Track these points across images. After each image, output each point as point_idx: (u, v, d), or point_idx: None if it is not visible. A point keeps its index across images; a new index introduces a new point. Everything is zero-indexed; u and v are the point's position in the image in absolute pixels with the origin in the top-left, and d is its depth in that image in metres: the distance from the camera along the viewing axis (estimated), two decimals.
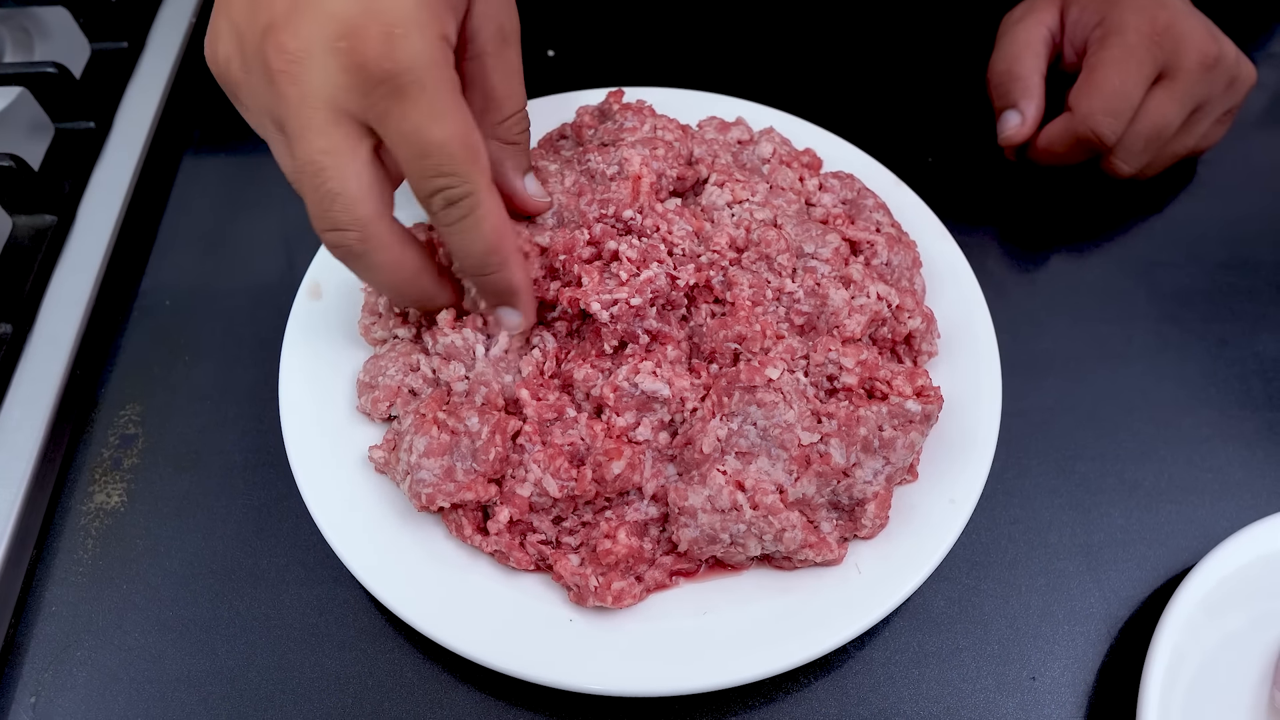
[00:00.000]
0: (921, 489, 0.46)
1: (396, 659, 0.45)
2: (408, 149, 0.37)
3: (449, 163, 0.37)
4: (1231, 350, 0.58)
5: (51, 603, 0.47)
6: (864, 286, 0.47)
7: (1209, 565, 0.46)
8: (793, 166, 0.54)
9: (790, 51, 0.73)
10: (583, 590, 0.42)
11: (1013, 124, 0.61)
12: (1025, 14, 0.63)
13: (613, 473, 0.42)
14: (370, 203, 0.38)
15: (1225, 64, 0.59)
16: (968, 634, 0.47)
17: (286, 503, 0.49)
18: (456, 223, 0.39)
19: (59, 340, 0.53)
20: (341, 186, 0.37)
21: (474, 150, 0.38)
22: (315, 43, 0.35)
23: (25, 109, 0.61)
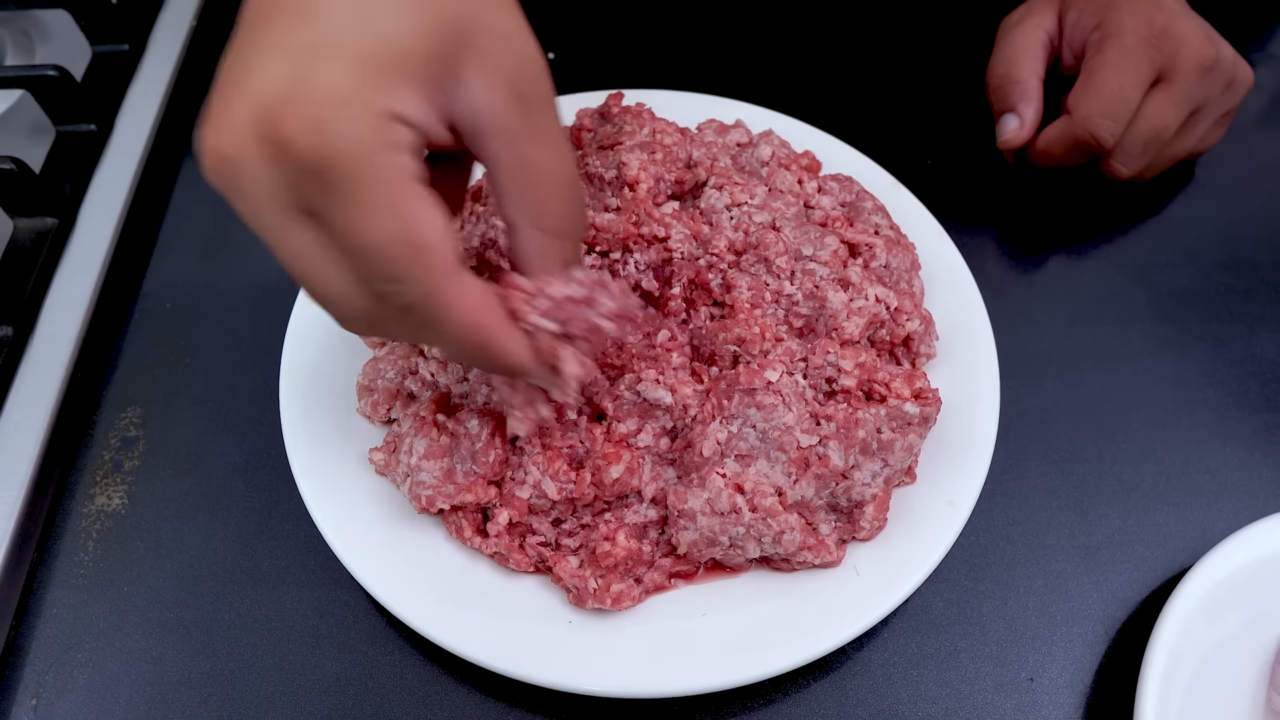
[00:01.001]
0: (920, 491, 0.46)
1: (397, 661, 0.46)
2: (345, 249, 0.31)
3: (389, 268, 0.31)
4: (1229, 351, 0.58)
5: (52, 605, 0.47)
6: (862, 289, 0.47)
7: (1206, 567, 0.46)
8: (792, 169, 0.54)
9: (789, 54, 0.73)
10: (582, 592, 0.42)
11: (1011, 127, 0.61)
12: (1023, 17, 0.63)
13: (611, 476, 0.42)
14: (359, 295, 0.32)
15: (1223, 66, 0.59)
16: (966, 635, 0.47)
17: (287, 505, 0.50)
18: (420, 330, 0.33)
19: (60, 342, 0.53)
20: (322, 291, 0.32)
21: (419, 248, 0.31)
22: (243, 136, 0.30)
23: (26, 111, 0.61)
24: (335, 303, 0.32)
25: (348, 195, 0.29)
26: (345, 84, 0.29)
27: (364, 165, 0.29)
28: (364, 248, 0.30)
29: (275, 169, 0.29)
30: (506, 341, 0.34)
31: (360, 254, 0.30)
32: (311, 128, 0.29)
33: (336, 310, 0.33)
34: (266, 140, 0.29)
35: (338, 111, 0.29)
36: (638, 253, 0.47)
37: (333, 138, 0.29)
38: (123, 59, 0.67)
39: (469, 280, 0.33)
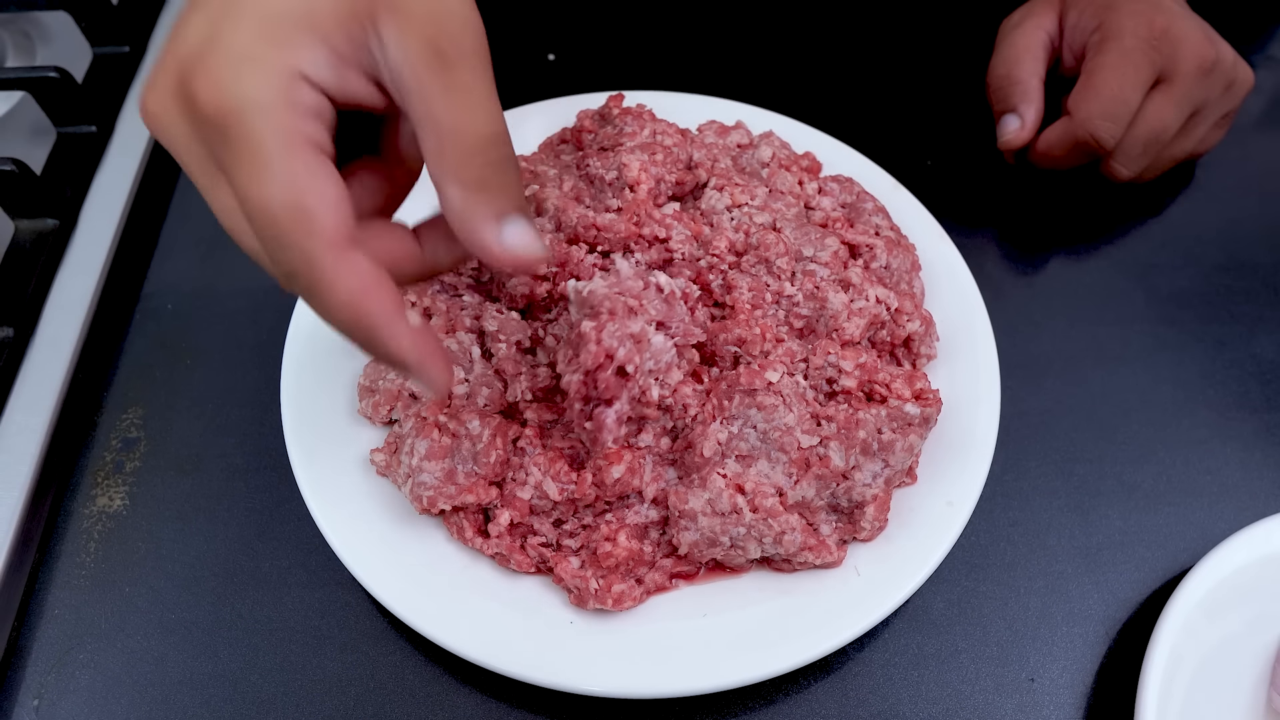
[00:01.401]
0: (920, 491, 0.46)
1: (398, 661, 0.46)
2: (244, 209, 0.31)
3: (273, 230, 0.30)
4: (1229, 352, 0.58)
5: (54, 606, 0.47)
6: (863, 290, 0.47)
7: (1207, 567, 0.46)
8: (792, 170, 0.54)
9: (790, 55, 0.73)
10: (583, 593, 0.42)
11: (1012, 128, 0.61)
12: (1024, 18, 0.63)
13: (613, 477, 0.42)
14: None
15: (1223, 67, 0.59)
16: (966, 636, 0.47)
17: (288, 506, 0.50)
18: (305, 298, 0.32)
19: (61, 344, 0.53)
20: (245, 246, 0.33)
21: (303, 214, 0.30)
22: (166, 93, 0.31)
23: (27, 113, 0.61)
24: (264, 263, 0.33)
25: (240, 151, 0.30)
26: (248, 41, 0.30)
27: (257, 122, 0.29)
28: (251, 207, 0.30)
29: (188, 125, 0.31)
30: (387, 330, 0.32)
31: (249, 213, 0.31)
32: (214, 83, 0.30)
33: (267, 268, 0.33)
34: (180, 97, 0.31)
35: (238, 68, 0.30)
36: (639, 253, 0.47)
37: (230, 93, 0.29)
38: (123, 60, 0.67)
39: (358, 260, 0.31)
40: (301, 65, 0.30)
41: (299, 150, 0.30)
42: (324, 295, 0.31)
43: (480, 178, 0.34)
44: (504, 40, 0.72)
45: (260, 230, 0.31)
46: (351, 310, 0.32)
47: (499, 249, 0.34)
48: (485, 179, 0.34)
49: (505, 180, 0.35)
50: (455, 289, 0.49)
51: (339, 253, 0.31)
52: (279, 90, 0.30)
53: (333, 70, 0.31)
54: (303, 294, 0.32)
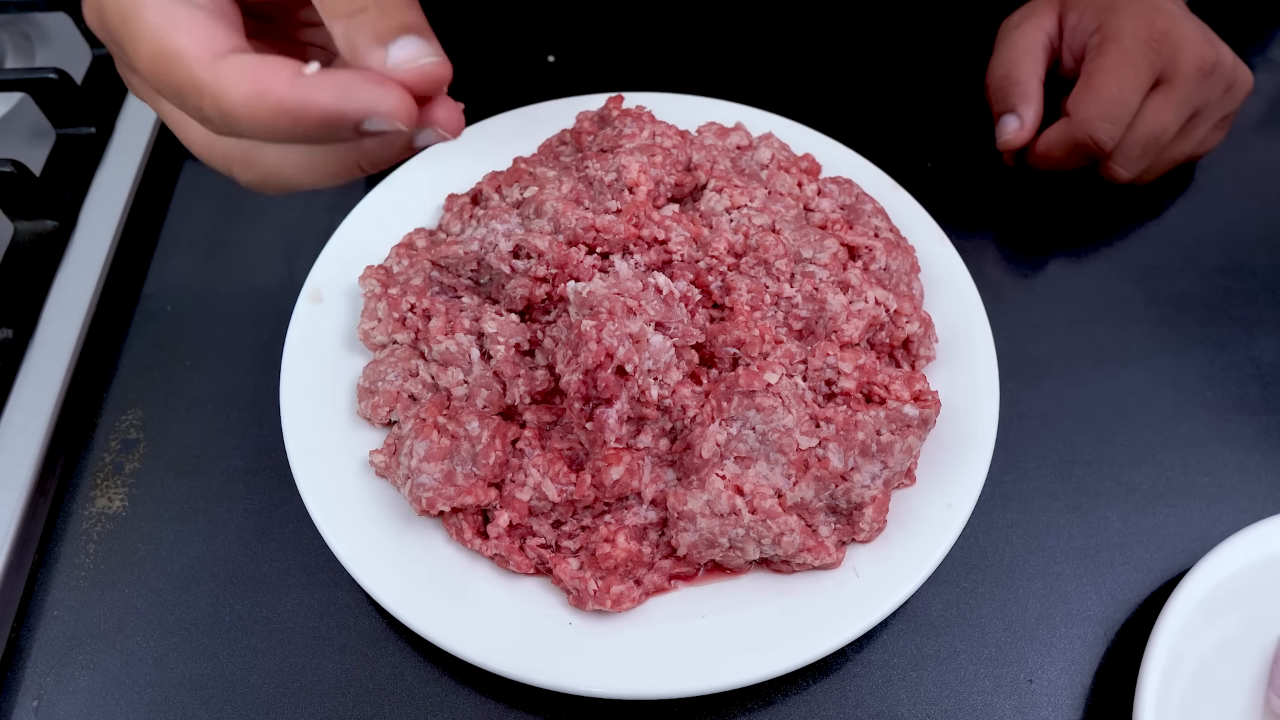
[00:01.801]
0: (919, 493, 0.46)
1: (397, 662, 0.46)
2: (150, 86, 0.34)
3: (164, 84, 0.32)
4: (1228, 354, 0.58)
5: (53, 607, 0.47)
6: (862, 291, 0.47)
7: (1205, 568, 0.46)
8: (791, 172, 0.54)
9: (789, 56, 0.73)
10: (582, 594, 0.42)
11: (1011, 128, 0.61)
12: (1024, 19, 0.63)
13: (611, 478, 0.42)
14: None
15: (1222, 69, 0.59)
16: (965, 637, 0.47)
17: (287, 507, 0.50)
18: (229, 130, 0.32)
19: (60, 345, 0.53)
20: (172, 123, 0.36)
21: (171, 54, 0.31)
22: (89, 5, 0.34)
23: (27, 114, 0.61)
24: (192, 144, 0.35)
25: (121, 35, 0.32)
26: None
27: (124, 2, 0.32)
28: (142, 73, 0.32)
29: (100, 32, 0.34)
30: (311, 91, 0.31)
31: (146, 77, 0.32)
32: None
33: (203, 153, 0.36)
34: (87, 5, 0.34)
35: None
36: (638, 254, 0.47)
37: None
38: None
39: (238, 59, 0.31)
40: None
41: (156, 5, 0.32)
42: (228, 104, 0.31)
43: (357, 4, 0.33)
44: (504, 42, 0.72)
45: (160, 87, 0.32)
46: (259, 98, 0.31)
47: (386, 70, 0.32)
48: (362, 4, 0.33)
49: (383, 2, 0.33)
50: (455, 290, 0.49)
51: (216, 64, 0.31)
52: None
53: None
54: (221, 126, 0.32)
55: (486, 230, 0.48)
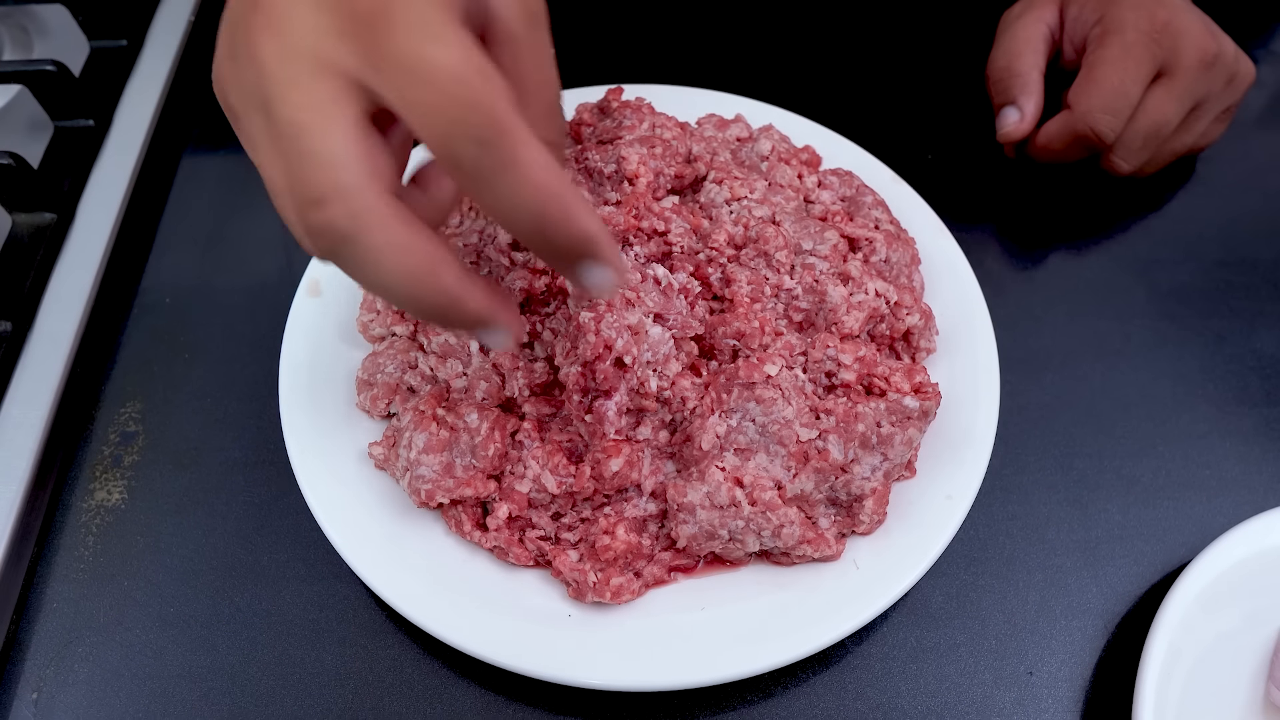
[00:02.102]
0: (919, 485, 0.46)
1: (396, 654, 0.46)
2: (408, 80, 0.29)
3: (462, 90, 0.29)
4: (1229, 347, 0.58)
5: (53, 599, 0.47)
6: (862, 283, 0.47)
7: (1205, 561, 0.46)
8: (791, 163, 0.54)
9: (790, 48, 0.73)
10: (581, 586, 0.42)
11: (1012, 120, 0.61)
12: (1025, 11, 0.63)
13: (611, 470, 0.42)
14: (359, 168, 0.30)
15: (1224, 61, 0.59)
16: (965, 629, 0.47)
17: (286, 499, 0.50)
18: (494, 173, 0.30)
19: (59, 338, 0.53)
20: (322, 145, 0.30)
21: (490, 76, 0.29)
22: None
23: (24, 107, 0.61)
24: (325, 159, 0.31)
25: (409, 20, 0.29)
26: None
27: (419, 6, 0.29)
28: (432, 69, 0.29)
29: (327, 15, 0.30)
30: (583, 209, 0.31)
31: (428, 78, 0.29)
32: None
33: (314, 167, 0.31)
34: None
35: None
36: (638, 246, 0.47)
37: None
38: (121, 54, 0.67)
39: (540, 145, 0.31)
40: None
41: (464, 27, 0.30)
42: (524, 163, 0.30)
43: (557, 135, 0.36)
44: None
45: (443, 98, 0.29)
46: (550, 177, 0.30)
47: None
48: (559, 138, 0.36)
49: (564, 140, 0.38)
50: None
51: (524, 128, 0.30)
52: None
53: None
54: (491, 164, 0.30)
55: (485, 222, 0.47)
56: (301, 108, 0.30)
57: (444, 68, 0.29)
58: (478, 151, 0.29)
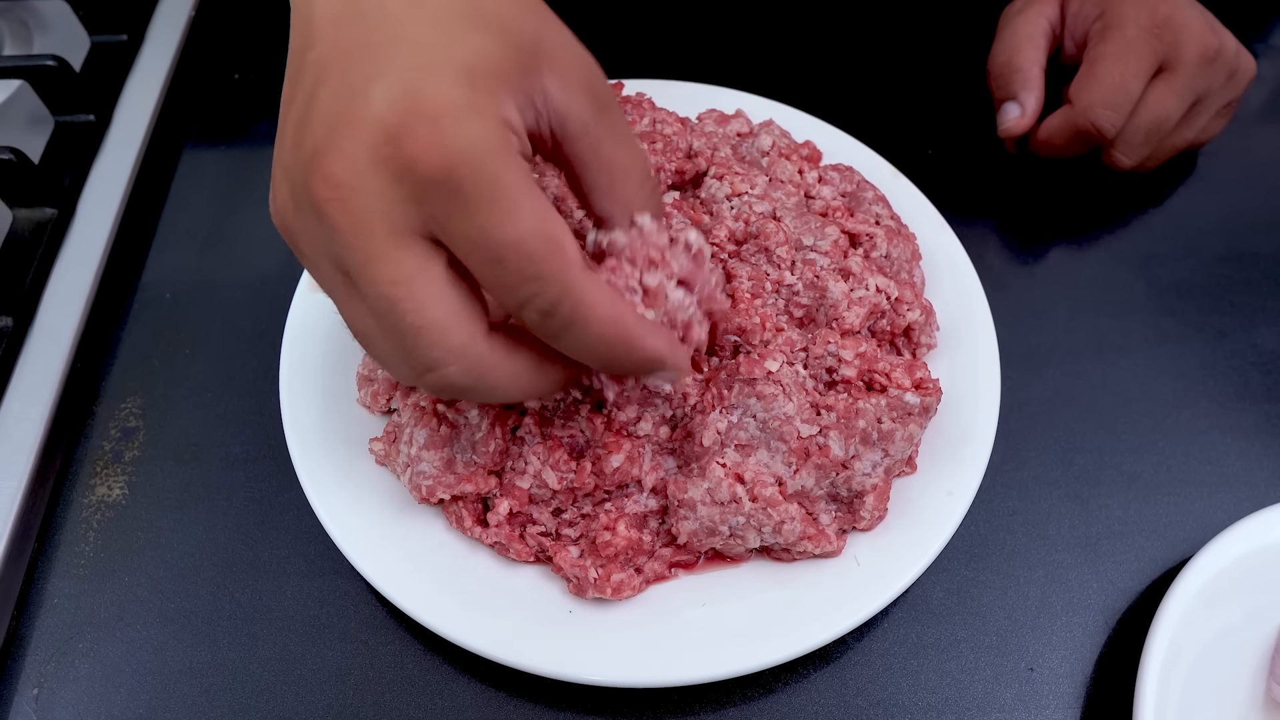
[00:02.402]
0: (920, 481, 0.46)
1: (397, 651, 0.46)
2: (478, 256, 0.31)
3: (529, 265, 0.30)
4: (1230, 343, 0.58)
5: (53, 595, 0.47)
6: (863, 279, 0.47)
7: (1206, 557, 0.46)
8: (792, 159, 0.54)
9: (790, 43, 0.73)
10: (582, 582, 0.42)
11: (1012, 116, 0.61)
12: (1025, 6, 0.63)
13: (612, 466, 0.42)
14: (463, 327, 0.32)
15: (1225, 57, 0.59)
16: (966, 625, 0.47)
17: (287, 495, 0.50)
18: (561, 332, 0.32)
19: (59, 333, 0.53)
20: (422, 318, 0.31)
21: (554, 243, 0.31)
22: (360, 159, 0.30)
23: (25, 102, 0.61)
24: (431, 331, 0.32)
25: (478, 199, 0.30)
26: (460, 94, 0.30)
27: (492, 166, 0.30)
28: (500, 247, 0.30)
29: (396, 186, 0.30)
30: (646, 333, 0.34)
31: (497, 255, 0.30)
32: (435, 140, 0.29)
33: (424, 341, 0.32)
34: (386, 161, 0.30)
35: (459, 120, 0.30)
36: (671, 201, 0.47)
37: (458, 145, 0.29)
38: (121, 49, 0.67)
39: (599, 279, 0.33)
40: (507, 114, 0.31)
41: (531, 186, 0.31)
42: (586, 322, 0.32)
43: (653, 206, 0.37)
44: None
45: (512, 272, 0.31)
46: (613, 328, 0.33)
47: None
48: (655, 208, 0.37)
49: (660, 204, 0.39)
50: None
51: (590, 275, 0.32)
52: (500, 135, 0.31)
53: (521, 118, 0.32)
54: (558, 326, 0.32)
55: None
56: (392, 283, 0.31)
57: (511, 244, 0.30)
58: (546, 318, 0.32)
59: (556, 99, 0.33)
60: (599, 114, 0.35)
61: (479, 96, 0.30)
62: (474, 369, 0.33)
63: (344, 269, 0.32)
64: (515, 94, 0.32)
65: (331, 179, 0.30)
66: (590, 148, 0.35)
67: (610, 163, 0.35)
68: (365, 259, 0.31)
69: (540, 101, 0.33)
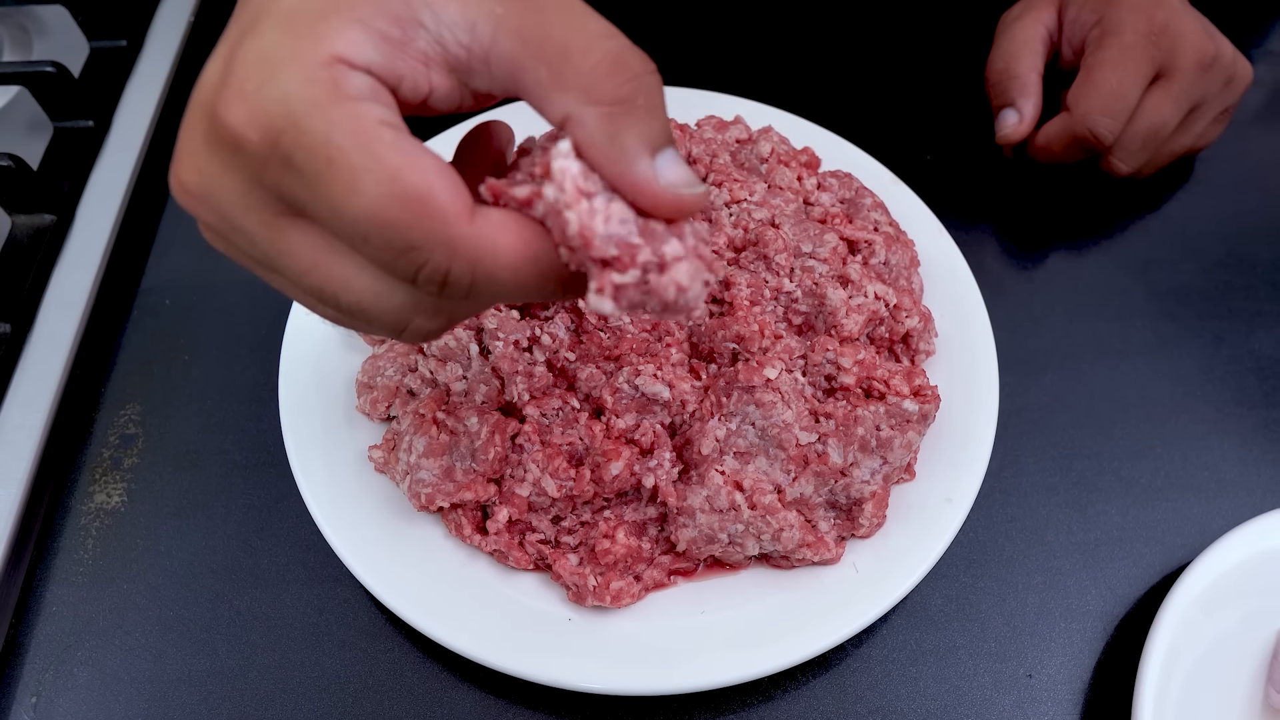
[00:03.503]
0: (919, 488, 0.46)
1: (396, 658, 0.46)
2: (344, 236, 0.26)
3: (397, 235, 0.25)
4: (1228, 348, 0.58)
5: (52, 602, 0.47)
6: (862, 286, 0.47)
7: (1204, 563, 0.46)
8: (791, 165, 0.54)
9: (789, 49, 0.73)
10: (581, 589, 0.42)
11: (1011, 122, 0.61)
12: (1023, 12, 0.63)
13: (611, 473, 0.42)
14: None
15: (1222, 63, 0.59)
16: (965, 631, 0.47)
17: (286, 502, 0.50)
18: (468, 298, 0.28)
19: (58, 340, 0.53)
20: (354, 293, 0.28)
21: (419, 200, 0.25)
22: (199, 153, 0.26)
23: (24, 108, 0.61)
24: (374, 309, 0.28)
25: (312, 167, 0.25)
26: (270, 46, 0.25)
27: (318, 122, 0.24)
28: (355, 222, 0.25)
29: (239, 173, 0.26)
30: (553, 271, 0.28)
31: (356, 233, 0.26)
32: (247, 106, 0.25)
33: (381, 318, 0.28)
34: (216, 142, 0.26)
35: (267, 72, 0.25)
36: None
37: (271, 103, 0.25)
38: (120, 55, 0.67)
39: (492, 215, 0.27)
40: (336, 48, 0.25)
41: (377, 135, 0.25)
42: (486, 269, 0.26)
43: (622, 94, 0.27)
44: None
45: (380, 245, 0.26)
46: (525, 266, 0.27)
47: (658, 186, 0.27)
48: (629, 95, 0.27)
49: (653, 99, 0.28)
50: None
51: (476, 221, 0.26)
52: (327, 83, 0.25)
53: (378, 50, 0.26)
54: (461, 293, 0.27)
55: None
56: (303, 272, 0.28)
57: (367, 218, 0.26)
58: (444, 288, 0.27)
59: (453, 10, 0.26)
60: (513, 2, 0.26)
61: (296, 42, 0.25)
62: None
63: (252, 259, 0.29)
64: (366, 23, 0.26)
65: (185, 184, 0.27)
66: (515, 41, 0.27)
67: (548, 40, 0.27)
68: (262, 254, 0.28)
69: (429, 18, 0.26)
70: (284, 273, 0.28)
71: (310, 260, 0.27)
